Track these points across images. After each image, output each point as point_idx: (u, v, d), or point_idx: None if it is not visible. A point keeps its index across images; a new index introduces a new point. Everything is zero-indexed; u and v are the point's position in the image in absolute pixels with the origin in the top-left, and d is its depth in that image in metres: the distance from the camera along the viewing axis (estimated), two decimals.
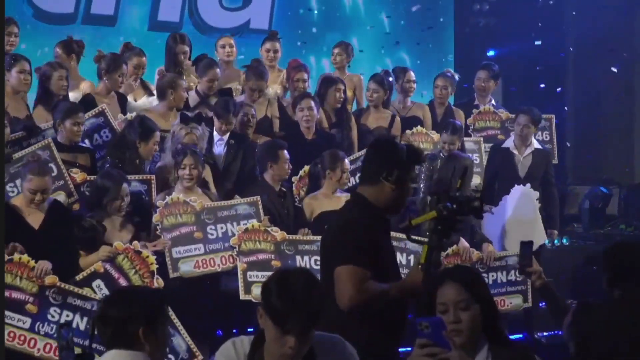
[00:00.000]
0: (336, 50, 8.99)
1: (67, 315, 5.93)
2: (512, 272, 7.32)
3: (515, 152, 8.28)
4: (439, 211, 3.72)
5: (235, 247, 6.71)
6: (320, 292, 3.18)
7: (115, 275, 6.22)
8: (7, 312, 5.74)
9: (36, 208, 6.07)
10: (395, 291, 3.97)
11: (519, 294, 7.39)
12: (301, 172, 7.50)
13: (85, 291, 6.03)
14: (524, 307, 7.46)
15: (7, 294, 5.75)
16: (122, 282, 6.19)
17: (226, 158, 7.46)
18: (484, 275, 7.20)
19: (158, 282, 6.26)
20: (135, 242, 6.30)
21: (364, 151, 7.59)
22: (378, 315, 3.98)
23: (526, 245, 4.33)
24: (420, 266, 3.76)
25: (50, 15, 9.74)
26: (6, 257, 5.72)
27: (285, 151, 7.19)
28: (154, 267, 6.28)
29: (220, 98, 7.65)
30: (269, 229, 6.75)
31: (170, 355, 5.92)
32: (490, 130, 8.77)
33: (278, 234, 6.74)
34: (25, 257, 5.83)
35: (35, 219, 6.09)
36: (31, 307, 5.89)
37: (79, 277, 6.12)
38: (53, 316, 5.91)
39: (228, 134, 7.44)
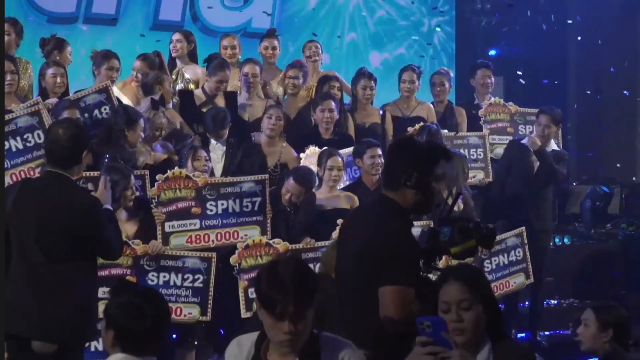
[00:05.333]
0: (306, 48, 8.84)
1: None
2: (512, 252, 7.43)
3: (533, 150, 8.15)
4: (477, 241, 3.77)
5: (235, 265, 6.60)
6: (310, 277, 3.18)
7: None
8: None
9: None
10: None
11: (521, 272, 7.47)
12: None
13: None
14: (527, 283, 7.56)
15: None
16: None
17: (226, 157, 7.39)
18: (486, 260, 7.32)
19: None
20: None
21: (351, 148, 7.58)
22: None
23: None
24: None
25: (51, 15, 9.71)
26: None
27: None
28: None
29: (208, 111, 7.50)
30: (270, 242, 6.66)
31: None
32: (499, 123, 8.71)
33: (280, 245, 6.62)
34: None
35: None
36: None
37: None
38: None
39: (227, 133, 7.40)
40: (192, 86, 8.21)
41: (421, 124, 8.17)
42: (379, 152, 7.31)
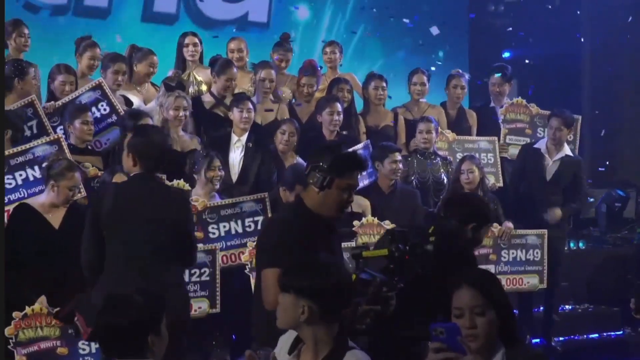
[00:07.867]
0: (329, 49, 8.80)
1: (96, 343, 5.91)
2: (531, 251, 7.54)
3: (546, 155, 8.06)
4: (391, 252, 3.71)
5: (247, 264, 6.58)
6: (327, 267, 3.35)
7: None
8: None
9: (64, 207, 5.99)
10: None
11: (536, 274, 7.57)
12: None
13: None
14: (539, 287, 7.62)
15: (35, 346, 5.80)
16: None
17: (244, 162, 7.30)
18: (505, 252, 7.51)
19: None
20: None
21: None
22: None
23: None
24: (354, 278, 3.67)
25: (41, 6, 9.56)
26: (19, 315, 5.71)
27: None
28: None
29: (236, 93, 7.59)
30: None
31: None
32: (519, 123, 8.63)
33: None
34: (37, 307, 5.79)
35: (55, 218, 6.00)
36: (62, 350, 5.91)
37: None
38: (84, 349, 5.92)
39: (246, 134, 7.27)
40: (204, 87, 8.13)
41: None
42: (399, 157, 7.32)
